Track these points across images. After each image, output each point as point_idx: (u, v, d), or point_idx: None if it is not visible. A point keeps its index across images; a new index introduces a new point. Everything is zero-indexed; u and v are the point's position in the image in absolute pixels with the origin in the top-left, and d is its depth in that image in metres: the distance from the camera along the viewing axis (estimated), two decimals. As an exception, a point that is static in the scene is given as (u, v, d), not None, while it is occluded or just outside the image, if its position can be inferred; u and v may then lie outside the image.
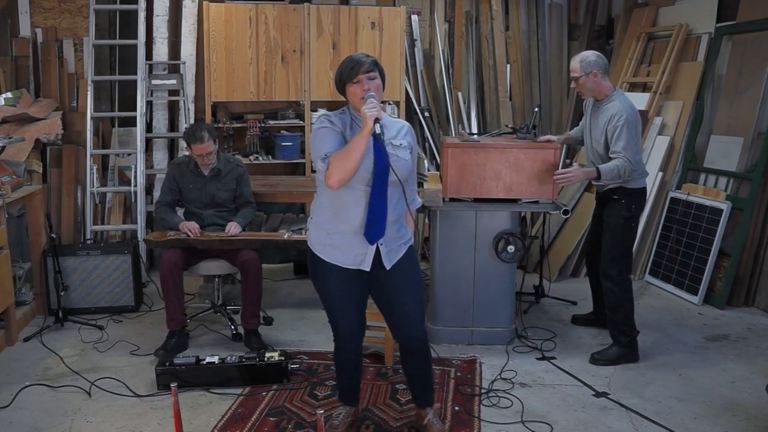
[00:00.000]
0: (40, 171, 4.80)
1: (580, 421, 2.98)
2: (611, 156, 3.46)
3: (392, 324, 2.70)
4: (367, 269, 2.54)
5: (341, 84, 2.45)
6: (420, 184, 3.79)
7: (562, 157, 4.44)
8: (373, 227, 2.47)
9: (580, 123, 3.97)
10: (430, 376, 2.78)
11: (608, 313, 3.66)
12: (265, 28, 5.09)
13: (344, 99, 2.51)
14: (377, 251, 2.52)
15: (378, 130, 2.33)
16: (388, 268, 2.55)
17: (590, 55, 3.55)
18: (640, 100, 5.17)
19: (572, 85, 3.64)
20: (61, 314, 4.07)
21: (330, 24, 5.15)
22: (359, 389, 2.91)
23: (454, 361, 3.57)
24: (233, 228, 3.74)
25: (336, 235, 2.52)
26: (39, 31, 5.33)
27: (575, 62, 3.56)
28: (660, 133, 5.20)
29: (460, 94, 5.84)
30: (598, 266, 3.74)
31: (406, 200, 2.56)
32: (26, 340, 3.86)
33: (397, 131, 2.56)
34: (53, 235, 4.07)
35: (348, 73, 2.40)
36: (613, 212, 3.61)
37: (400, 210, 2.57)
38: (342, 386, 2.87)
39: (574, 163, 3.59)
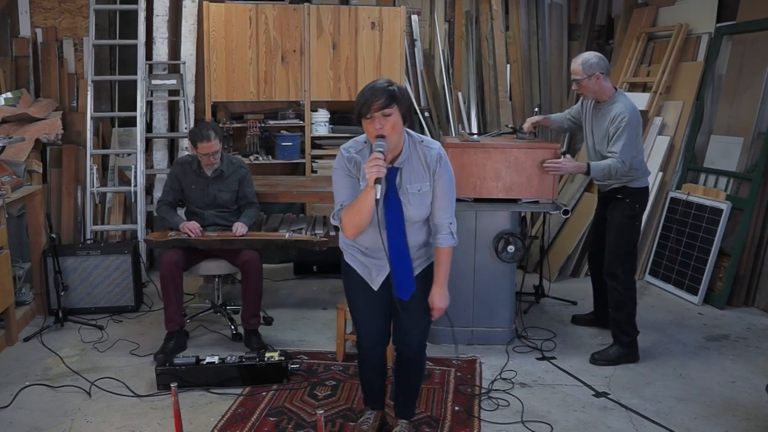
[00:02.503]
0: (40, 171, 4.79)
1: (580, 421, 2.98)
2: (607, 155, 3.47)
3: (395, 328, 2.66)
4: (376, 288, 2.50)
5: (357, 117, 2.27)
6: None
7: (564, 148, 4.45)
8: (402, 284, 2.42)
9: (566, 111, 3.98)
10: (416, 389, 2.75)
11: (611, 312, 3.66)
12: (265, 28, 5.09)
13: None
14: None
15: (378, 195, 2.17)
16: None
17: (592, 57, 3.53)
18: (640, 100, 5.17)
19: (574, 87, 3.64)
20: (61, 314, 4.06)
21: (330, 24, 5.15)
22: (384, 393, 2.87)
23: (454, 361, 3.56)
24: (240, 228, 3.74)
25: (355, 247, 2.51)
26: (39, 31, 5.33)
27: (576, 65, 3.54)
28: (660, 133, 5.20)
29: (460, 94, 5.84)
30: (601, 266, 3.74)
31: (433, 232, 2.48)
32: (26, 340, 3.86)
33: (419, 168, 2.36)
34: (53, 235, 4.07)
35: (360, 108, 2.22)
36: (616, 212, 3.61)
37: (425, 234, 2.48)
38: (366, 390, 2.83)
39: (567, 155, 3.59)
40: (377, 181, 2.16)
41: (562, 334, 4.01)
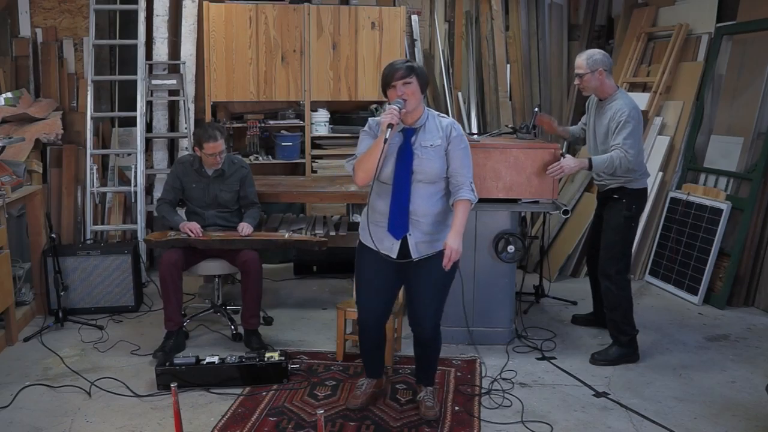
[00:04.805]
0: (40, 171, 4.79)
1: (580, 421, 2.98)
2: (610, 148, 3.45)
3: (409, 311, 2.91)
4: (394, 257, 2.75)
5: (383, 88, 2.69)
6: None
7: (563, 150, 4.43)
8: (395, 223, 2.71)
9: (580, 122, 3.98)
10: (434, 362, 3.04)
11: (607, 312, 3.66)
12: (265, 28, 5.09)
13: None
14: (406, 242, 2.74)
15: (387, 135, 2.55)
16: (413, 259, 2.75)
17: (597, 53, 3.54)
18: (640, 100, 5.16)
19: (576, 81, 3.63)
20: (61, 314, 4.06)
21: (330, 24, 5.15)
22: (382, 364, 3.15)
23: (454, 361, 3.56)
24: (246, 228, 3.74)
25: (372, 222, 2.78)
26: (39, 31, 5.33)
27: (581, 59, 3.55)
28: (660, 133, 5.20)
29: (460, 94, 5.84)
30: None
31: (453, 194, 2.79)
32: (26, 340, 3.86)
33: (435, 131, 2.73)
34: (53, 235, 4.07)
35: (385, 79, 2.65)
36: (613, 211, 3.61)
37: (438, 207, 2.75)
38: (365, 362, 3.12)
39: (567, 155, 3.59)
40: (389, 126, 2.56)
41: (562, 334, 4.01)
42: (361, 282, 2.87)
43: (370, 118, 2.84)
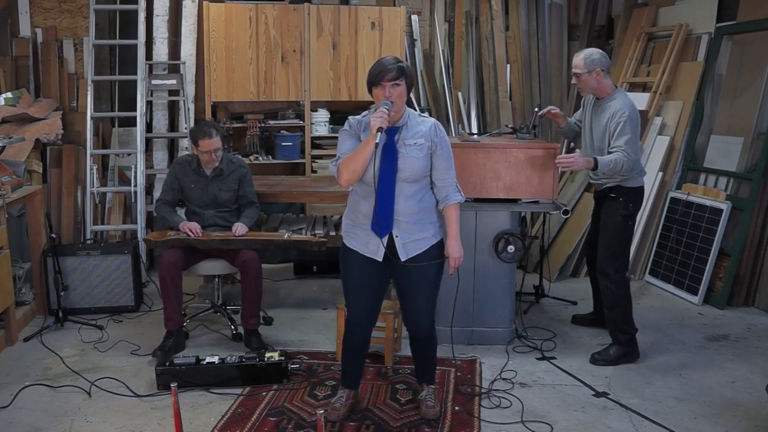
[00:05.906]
0: (40, 171, 4.80)
1: (580, 421, 2.98)
2: (611, 150, 3.45)
3: (402, 310, 2.94)
4: (380, 260, 2.73)
5: (369, 85, 2.65)
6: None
7: (563, 151, 4.43)
8: (379, 221, 2.66)
9: (573, 117, 3.97)
10: (431, 359, 3.02)
11: (606, 311, 3.66)
12: (265, 28, 5.09)
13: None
14: (393, 243, 2.71)
15: (377, 140, 2.52)
16: (402, 260, 2.72)
17: (594, 52, 3.54)
18: (640, 100, 5.17)
19: (573, 81, 3.64)
20: (61, 314, 4.06)
21: (330, 24, 5.15)
22: (361, 374, 3.06)
23: (454, 361, 3.56)
24: (240, 228, 3.74)
25: (356, 225, 2.76)
26: (39, 31, 5.33)
27: (578, 59, 3.54)
28: (660, 133, 5.20)
29: (460, 94, 5.84)
30: (597, 265, 3.75)
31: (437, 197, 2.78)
32: (26, 340, 3.86)
33: (417, 130, 2.70)
34: (53, 235, 4.07)
35: (374, 78, 2.61)
36: (610, 210, 3.61)
37: (422, 204, 2.72)
38: (345, 369, 3.01)
39: (577, 150, 3.58)
40: (379, 129, 2.52)
41: (562, 334, 4.01)
42: (349, 284, 2.84)
43: (350, 117, 2.79)
